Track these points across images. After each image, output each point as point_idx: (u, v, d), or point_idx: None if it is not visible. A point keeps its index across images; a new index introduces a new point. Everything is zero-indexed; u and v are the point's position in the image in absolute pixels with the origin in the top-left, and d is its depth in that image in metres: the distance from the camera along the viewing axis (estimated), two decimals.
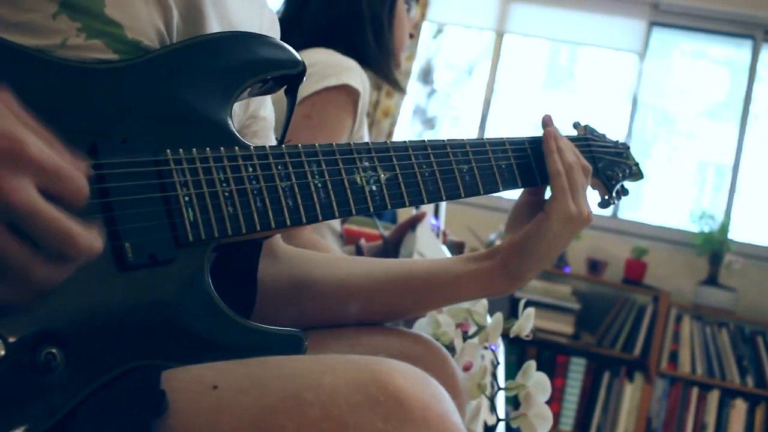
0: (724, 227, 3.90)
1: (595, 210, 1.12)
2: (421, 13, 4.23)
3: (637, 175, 1.18)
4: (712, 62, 4.58)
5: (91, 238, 0.53)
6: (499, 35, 4.51)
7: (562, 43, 4.68)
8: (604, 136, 1.15)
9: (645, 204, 4.50)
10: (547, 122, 1.02)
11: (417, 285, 0.96)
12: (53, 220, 0.50)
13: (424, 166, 0.87)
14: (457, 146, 0.92)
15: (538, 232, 0.95)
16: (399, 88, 1.91)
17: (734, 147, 4.24)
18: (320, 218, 0.76)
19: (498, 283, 0.96)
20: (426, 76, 4.81)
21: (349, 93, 1.60)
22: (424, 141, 0.89)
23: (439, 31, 4.78)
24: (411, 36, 1.90)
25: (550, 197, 0.97)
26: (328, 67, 1.59)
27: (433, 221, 1.90)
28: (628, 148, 1.19)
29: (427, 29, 4.55)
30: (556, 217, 0.95)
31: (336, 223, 1.78)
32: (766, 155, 4.40)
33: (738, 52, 4.42)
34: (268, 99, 1.00)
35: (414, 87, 4.68)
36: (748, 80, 4.27)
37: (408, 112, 4.74)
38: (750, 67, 4.28)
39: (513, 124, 4.40)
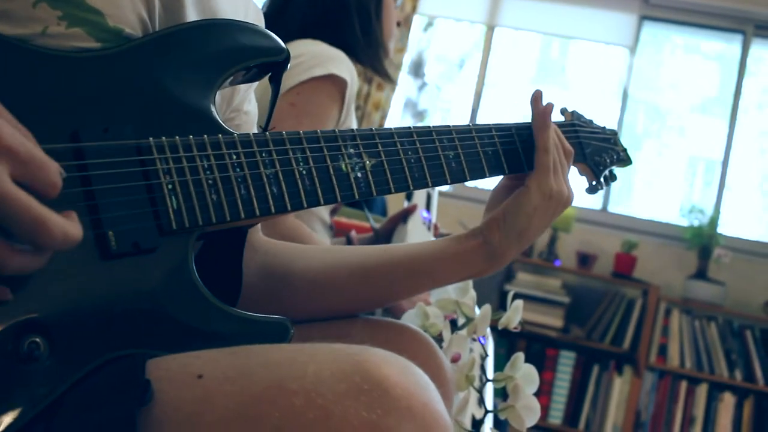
0: (714, 221, 3.91)
1: (584, 196, 1.11)
2: (412, 5, 4.22)
3: (625, 160, 1.17)
4: (703, 57, 4.59)
5: (66, 225, 0.52)
6: (490, 28, 4.51)
7: (553, 36, 4.68)
8: (591, 121, 1.15)
9: (635, 198, 4.51)
10: (537, 98, 1.02)
11: (398, 270, 0.96)
12: (25, 206, 0.50)
13: (409, 153, 0.87)
14: (443, 133, 0.92)
15: (517, 204, 0.95)
16: (390, 79, 1.90)
17: (724, 142, 4.26)
18: (305, 205, 0.76)
19: (480, 262, 0.96)
20: (417, 69, 4.80)
21: (335, 82, 1.59)
22: (410, 127, 0.88)
23: (430, 24, 4.77)
24: (398, 24, 1.89)
25: (532, 171, 0.97)
26: (314, 57, 1.58)
27: (425, 214, 1.90)
28: (616, 133, 1.19)
29: (417, 22, 4.54)
30: (536, 190, 0.95)
31: (326, 214, 1.78)
32: (756, 150, 4.42)
33: (728, 46, 4.43)
34: (252, 94, 1.00)
35: (405, 80, 4.67)
36: (738, 75, 4.28)
37: (399, 105, 4.73)
38: (740, 62, 4.29)
39: (504, 117, 4.40)
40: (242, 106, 0.96)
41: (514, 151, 0.99)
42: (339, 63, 1.59)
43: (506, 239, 0.95)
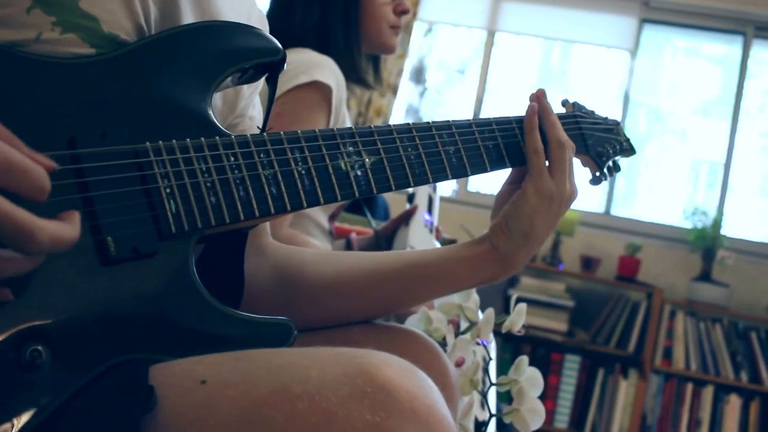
0: (717, 223, 3.91)
1: (586, 192, 1.10)
2: (412, 12, 4.22)
3: (628, 150, 1.16)
4: (704, 59, 4.59)
5: (55, 230, 0.52)
6: (491, 34, 4.51)
7: (553, 41, 4.68)
8: (593, 112, 1.14)
9: (638, 201, 4.51)
10: (533, 98, 1.01)
11: (411, 276, 0.95)
12: (7, 214, 0.49)
13: (409, 149, 0.86)
14: (443, 128, 0.91)
15: (515, 208, 0.95)
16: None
17: (726, 144, 4.25)
18: (305, 205, 0.75)
19: (492, 267, 0.95)
20: (418, 75, 4.80)
21: (320, 89, 1.58)
22: (408, 124, 0.88)
23: (430, 30, 4.78)
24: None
25: (527, 174, 0.96)
26: (299, 65, 1.58)
27: (426, 217, 1.89)
28: (618, 124, 1.17)
29: (418, 28, 4.54)
30: (532, 192, 0.94)
31: (323, 219, 1.77)
32: (758, 152, 4.42)
33: (729, 48, 4.43)
34: (257, 99, 0.99)
35: (406, 86, 4.68)
36: (739, 77, 4.28)
37: (400, 111, 4.73)
38: (741, 63, 4.29)
39: None
40: (247, 111, 0.95)
41: (515, 144, 0.98)
42: (323, 69, 1.59)
43: (512, 243, 0.94)
